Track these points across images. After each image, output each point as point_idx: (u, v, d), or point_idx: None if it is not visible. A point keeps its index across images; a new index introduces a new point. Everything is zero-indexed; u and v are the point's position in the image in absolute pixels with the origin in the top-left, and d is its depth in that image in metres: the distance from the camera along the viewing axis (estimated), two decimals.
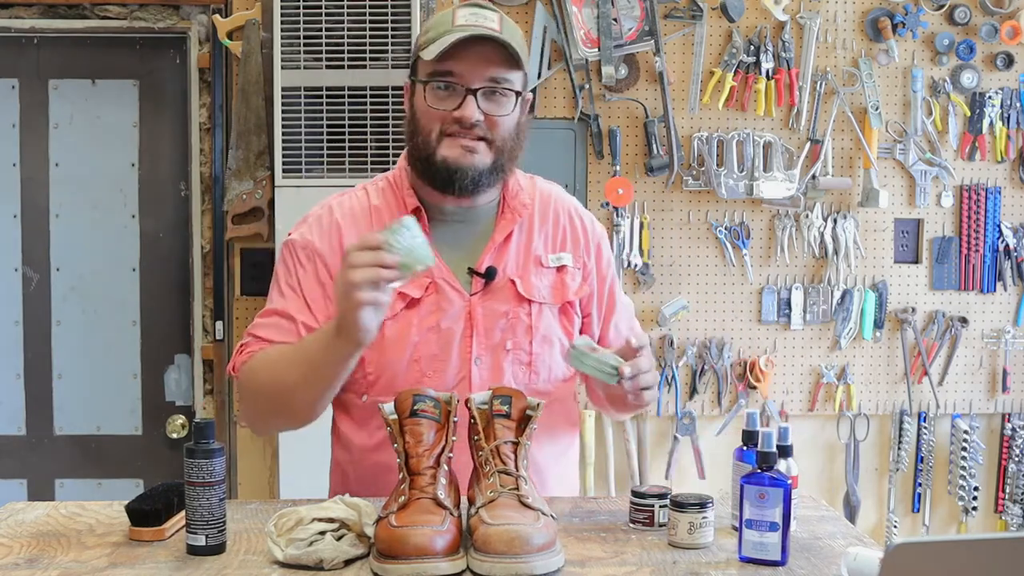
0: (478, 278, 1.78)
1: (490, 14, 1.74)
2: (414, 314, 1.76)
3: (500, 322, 1.78)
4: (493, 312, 1.78)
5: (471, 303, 1.77)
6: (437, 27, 1.74)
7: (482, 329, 1.77)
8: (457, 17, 1.73)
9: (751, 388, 3.32)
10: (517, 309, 1.78)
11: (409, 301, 1.76)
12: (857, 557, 1.39)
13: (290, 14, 2.99)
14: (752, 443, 1.59)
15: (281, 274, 1.82)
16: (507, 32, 1.73)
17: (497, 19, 1.74)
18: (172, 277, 3.34)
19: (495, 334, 1.77)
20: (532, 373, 1.79)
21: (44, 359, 3.34)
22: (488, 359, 1.77)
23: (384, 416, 1.52)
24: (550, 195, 1.91)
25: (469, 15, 1.73)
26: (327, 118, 3.00)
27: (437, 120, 1.73)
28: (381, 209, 1.82)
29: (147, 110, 3.32)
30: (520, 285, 1.79)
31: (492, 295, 1.78)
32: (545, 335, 1.80)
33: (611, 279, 1.93)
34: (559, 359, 1.81)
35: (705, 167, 3.25)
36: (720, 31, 3.26)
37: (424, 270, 1.58)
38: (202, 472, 1.48)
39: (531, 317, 1.79)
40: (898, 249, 3.36)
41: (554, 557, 1.40)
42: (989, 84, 3.33)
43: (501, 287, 1.79)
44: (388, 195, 1.84)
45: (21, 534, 1.58)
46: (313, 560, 1.41)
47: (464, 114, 1.71)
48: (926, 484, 3.39)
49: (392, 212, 1.81)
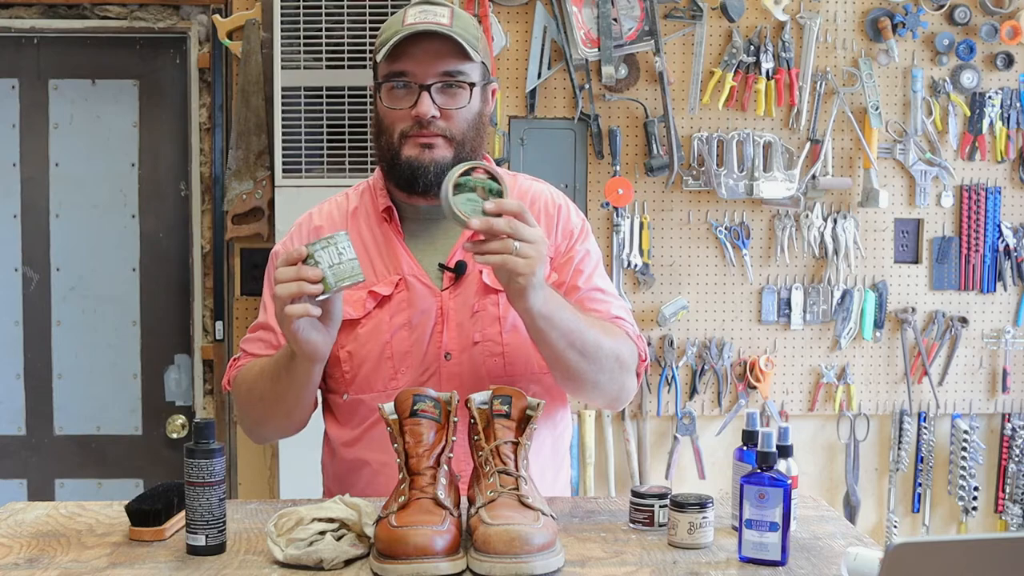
0: (448, 274, 1.80)
1: (440, 9, 1.76)
2: (385, 312, 1.78)
3: (470, 316, 1.78)
4: (464, 306, 1.79)
5: (442, 298, 1.79)
6: (389, 28, 1.77)
7: (453, 324, 1.78)
8: (407, 16, 1.75)
9: (751, 388, 3.31)
10: (484, 300, 1.79)
11: (380, 299, 1.79)
12: (857, 557, 1.39)
13: (290, 14, 2.99)
14: (752, 443, 1.59)
15: (264, 286, 1.87)
16: (458, 25, 1.75)
17: (447, 13, 1.76)
18: (172, 277, 3.34)
19: (466, 328, 1.78)
20: (507, 364, 1.78)
21: (44, 359, 3.34)
22: (459, 354, 1.77)
23: (384, 416, 1.52)
24: (529, 189, 1.89)
25: (418, 13, 1.75)
26: (327, 118, 3.00)
27: (397, 120, 1.76)
28: (359, 211, 1.86)
29: (147, 110, 3.32)
30: (487, 275, 1.78)
31: (462, 289, 1.79)
32: (515, 324, 1.76)
33: (584, 254, 1.85)
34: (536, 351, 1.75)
35: (705, 167, 3.25)
36: (720, 31, 3.26)
37: (351, 285, 1.58)
38: (202, 472, 1.48)
39: (499, 307, 1.78)
40: (898, 249, 3.36)
41: (554, 557, 1.39)
42: (989, 84, 3.33)
43: (470, 280, 1.80)
44: (366, 197, 1.87)
45: (21, 534, 1.58)
46: (313, 560, 1.41)
47: (420, 111, 1.73)
48: (926, 484, 3.39)
49: (368, 213, 1.84)
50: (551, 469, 1.88)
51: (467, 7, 3.16)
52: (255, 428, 1.88)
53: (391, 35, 1.74)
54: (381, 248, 1.82)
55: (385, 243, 1.82)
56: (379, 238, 1.82)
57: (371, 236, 1.83)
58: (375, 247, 1.82)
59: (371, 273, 1.79)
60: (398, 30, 1.74)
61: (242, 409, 1.86)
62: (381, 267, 1.81)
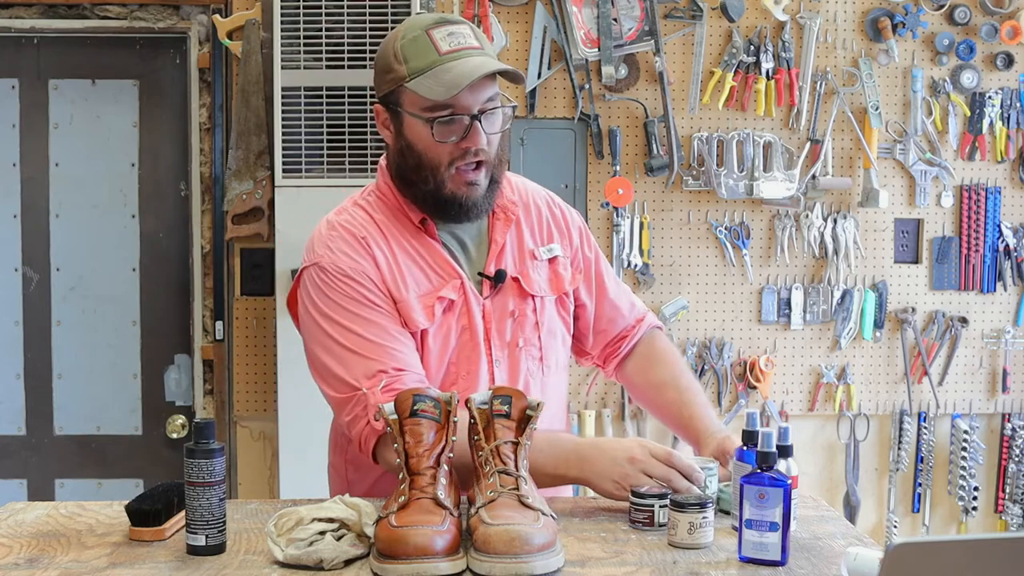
0: (487, 281, 1.81)
1: (464, 30, 1.72)
2: (451, 317, 1.77)
3: (509, 321, 1.81)
4: (503, 312, 1.81)
5: (484, 306, 1.80)
6: (420, 56, 1.68)
7: (495, 330, 1.80)
8: (437, 42, 1.68)
9: (751, 388, 3.31)
10: (523, 306, 1.82)
11: (448, 303, 1.76)
12: (857, 557, 1.39)
13: (290, 14, 2.99)
14: (752, 443, 1.59)
15: (348, 306, 1.71)
16: (482, 42, 1.72)
17: (471, 33, 1.72)
18: (172, 277, 3.34)
19: (507, 333, 1.81)
20: (544, 367, 1.85)
21: (44, 359, 3.34)
22: (504, 359, 1.81)
23: (384, 416, 1.52)
24: (525, 189, 1.94)
25: (447, 36, 1.69)
26: (327, 118, 3.00)
27: (444, 153, 1.71)
28: (385, 222, 1.79)
29: (147, 110, 3.32)
30: (523, 282, 1.83)
31: (499, 295, 1.82)
32: (550, 328, 1.86)
33: (595, 258, 1.98)
34: (560, 348, 1.89)
35: (705, 167, 3.25)
36: (720, 31, 3.26)
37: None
38: (202, 472, 1.48)
39: (536, 312, 1.84)
40: (898, 249, 3.36)
41: (554, 557, 1.40)
42: (989, 84, 3.33)
43: (506, 286, 1.82)
44: (384, 209, 1.81)
45: (21, 534, 1.58)
46: (313, 560, 1.41)
47: (476, 143, 1.70)
48: (926, 484, 3.39)
49: (393, 226, 1.78)
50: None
51: (467, 7, 3.16)
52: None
53: (429, 64, 1.67)
54: (427, 257, 1.78)
55: (428, 253, 1.78)
56: (420, 248, 1.78)
57: (411, 247, 1.78)
58: (419, 256, 1.77)
59: (426, 282, 1.75)
60: (437, 60, 1.67)
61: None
62: (434, 276, 1.76)
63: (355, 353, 1.69)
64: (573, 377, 3.28)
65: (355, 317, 1.70)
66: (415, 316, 1.72)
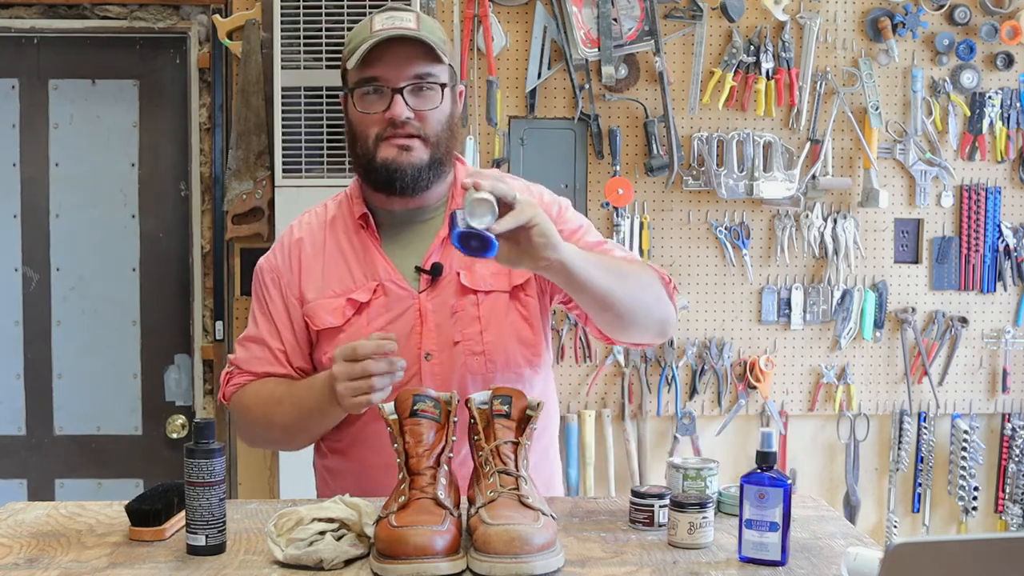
0: (425, 275, 1.82)
1: (406, 15, 1.79)
2: (363, 318, 1.81)
3: (449, 316, 1.81)
4: (442, 307, 1.81)
5: (420, 300, 1.81)
6: (357, 36, 1.80)
7: (432, 325, 1.80)
8: (374, 23, 1.78)
9: (751, 388, 3.31)
10: (463, 301, 1.81)
11: (359, 306, 1.81)
12: (857, 557, 1.39)
13: (290, 14, 2.99)
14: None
15: (253, 300, 1.93)
16: (425, 29, 1.78)
17: (414, 18, 1.79)
18: (172, 277, 3.34)
19: (445, 329, 1.80)
20: (488, 362, 1.80)
21: (44, 359, 3.34)
22: (439, 354, 1.80)
23: (384, 416, 1.52)
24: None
25: (385, 19, 1.78)
26: (327, 118, 3.00)
27: (371, 125, 1.79)
28: (336, 220, 1.89)
29: (147, 110, 3.32)
30: (464, 276, 1.82)
31: (440, 290, 1.82)
32: (495, 323, 1.81)
33: (575, 231, 1.86)
34: (516, 347, 1.82)
35: (705, 167, 3.25)
36: (720, 31, 3.26)
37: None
38: (202, 472, 1.48)
39: (478, 307, 1.82)
40: (898, 249, 3.36)
41: (554, 557, 1.40)
42: (989, 84, 3.33)
43: (448, 281, 1.82)
44: (343, 205, 1.90)
45: (21, 534, 1.58)
46: (313, 560, 1.41)
47: (394, 113, 1.76)
48: (926, 484, 3.38)
49: (346, 221, 1.87)
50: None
51: (467, 7, 3.16)
52: (258, 444, 2.00)
53: (361, 41, 1.77)
54: (359, 255, 1.85)
55: (363, 249, 1.85)
56: (356, 245, 1.86)
57: (349, 244, 1.86)
58: (353, 254, 1.85)
59: (349, 280, 1.83)
60: (366, 37, 1.77)
61: (249, 428, 1.91)
62: (359, 274, 1.83)
63: (242, 340, 1.92)
64: (573, 377, 3.28)
65: (255, 312, 1.91)
66: (323, 315, 1.83)
